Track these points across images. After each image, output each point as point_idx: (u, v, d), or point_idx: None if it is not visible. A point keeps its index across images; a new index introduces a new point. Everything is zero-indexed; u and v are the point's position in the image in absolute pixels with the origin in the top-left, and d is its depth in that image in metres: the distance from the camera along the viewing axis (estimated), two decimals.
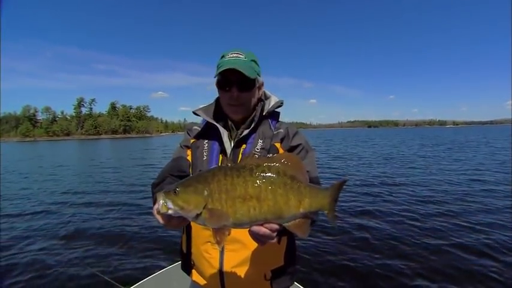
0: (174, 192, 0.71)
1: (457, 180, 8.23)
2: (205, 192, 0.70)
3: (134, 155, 21.52)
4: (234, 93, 1.05)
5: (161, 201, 0.71)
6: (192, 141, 1.18)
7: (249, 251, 1.04)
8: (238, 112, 1.10)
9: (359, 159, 14.51)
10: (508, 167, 10.14)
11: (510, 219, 4.74)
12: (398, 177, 8.89)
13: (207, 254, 1.07)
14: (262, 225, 0.71)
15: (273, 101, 1.18)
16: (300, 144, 1.10)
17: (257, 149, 1.06)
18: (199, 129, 1.19)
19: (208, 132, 1.14)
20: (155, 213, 0.76)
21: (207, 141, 1.13)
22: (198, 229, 1.09)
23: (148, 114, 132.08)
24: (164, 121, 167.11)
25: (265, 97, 1.20)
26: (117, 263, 3.68)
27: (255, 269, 1.05)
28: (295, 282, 1.93)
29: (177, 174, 1.09)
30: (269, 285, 1.07)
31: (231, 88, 1.05)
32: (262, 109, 1.14)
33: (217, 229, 0.71)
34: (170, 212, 0.71)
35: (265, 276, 1.06)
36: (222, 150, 1.09)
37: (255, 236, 0.73)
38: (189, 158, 1.15)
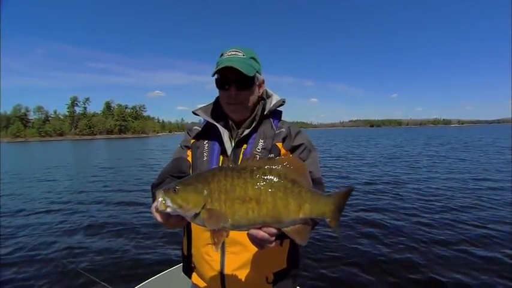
0: (174, 190, 0.71)
1: (463, 179, 8.24)
2: (205, 192, 0.71)
3: (131, 156, 21.49)
4: (232, 92, 1.05)
5: (160, 199, 0.71)
6: (192, 141, 1.18)
7: (250, 253, 1.04)
8: (237, 111, 1.10)
9: (362, 159, 14.51)
10: None
11: None
12: (403, 178, 8.90)
13: (208, 256, 1.07)
14: (260, 228, 0.71)
15: (275, 99, 1.18)
16: (302, 143, 1.10)
17: (258, 149, 1.06)
18: (200, 129, 1.19)
19: (209, 133, 1.15)
20: (153, 211, 0.76)
21: (207, 142, 1.13)
22: (198, 231, 1.09)
23: (145, 113, 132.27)
24: (161, 121, 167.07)
25: (266, 95, 1.20)
26: (114, 266, 3.68)
27: (257, 272, 1.05)
28: (298, 286, 1.93)
29: (177, 175, 1.09)
30: None
31: (229, 87, 1.05)
32: (263, 108, 1.14)
33: (216, 230, 0.72)
34: (169, 210, 0.71)
35: (267, 279, 1.07)
36: (223, 151, 1.09)
37: (253, 239, 0.73)
38: (189, 158, 1.16)
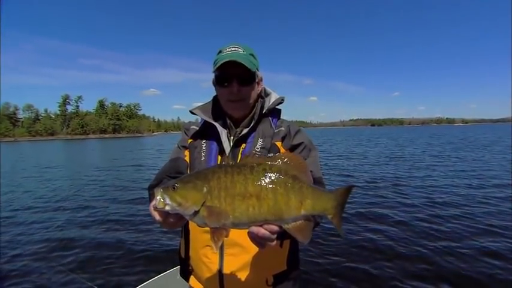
0: (173, 188, 0.71)
1: (466, 180, 8.29)
2: (205, 189, 0.71)
3: (126, 156, 21.41)
4: (235, 87, 1.05)
5: (158, 197, 0.71)
6: (190, 141, 1.19)
7: (249, 255, 1.04)
8: (239, 108, 1.10)
9: (363, 158, 14.55)
10: None
11: None
12: (405, 178, 8.93)
13: (206, 258, 1.08)
14: (261, 226, 0.71)
15: (273, 97, 1.18)
16: (302, 142, 1.11)
17: (257, 148, 1.07)
18: (197, 128, 1.20)
19: (206, 132, 1.15)
20: (151, 209, 0.76)
21: (205, 141, 1.14)
22: (196, 233, 1.10)
23: (140, 112, 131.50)
24: (156, 120, 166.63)
25: (265, 94, 1.21)
26: (108, 269, 3.67)
27: (256, 274, 1.06)
28: None
29: (174, 176, 1.09)
30: None
31: (231, 83, 1.06)
32: (262, 106, 1.15)
33: (215, 229, 0.72)
34: (167, 208, 0.71)
35: (266, 281, 1.07)
36: (221, 150, 1.10)
37: (254, 237, 0.73)
38: (187, 158, 1.16)
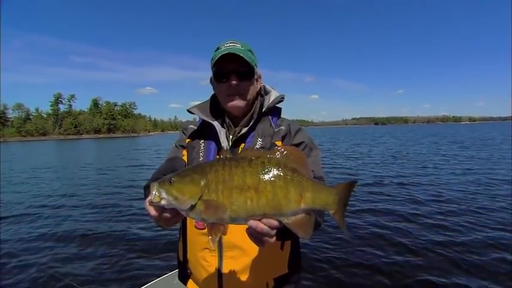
0: (169, 181, 0.72)
1: (471, 179, 8.31)
2: (202, 183, 0.71)
3: (121, 156, 21.36)
4: (233, 81, 1.06)
5: (154, 191, 0.72)
6: (188, 141, 1.20)
7: (249, 257, 1.05)
8: (238, 104, 1.10)
9: (367, 158, 14.56)
10: None
11: None
12: (411, 178, 8.94)
13: (205, 261, 1.09)
14: (260, 220, 0.71)
15: (273, 96, 1.19)
16: (302, 142, 1.12)
17: (256, 148, 1.08)
18: (195, 128, 1.21)
19: (205, 131, 1.16)
20: (147, 205, 0.76)
21: (203, 141, 1.15)
22: (195, 235, 1.11)
23: (135, 111, 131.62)
24: (153, 119, 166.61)
25: (265, 92, 1.22)
26: (104, 273, 3.68)
27: (256, 277, 1.06)
28: None
29: None
30: None
31: (229, 77, 1.07)
32: (261, 105, 1.16)
33: (212, 224, 0.72)
34: (163, 202, 0.71)
35: (267, 285, 1.08)
36: (220, 150, 1.10)
37: (252, 232, 0.72)
38: (185, 158, 1.17)
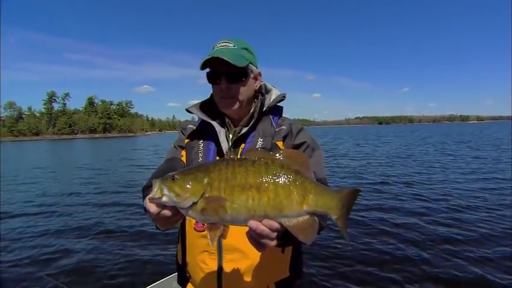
0: (172, 178, 0.74)
1: (479, 179, 8.34)
2: (205, 180, 0.73)
3: (122, 156, 21.42)
4: (223, 85, 1.07)
5: (156, 188, 0.73)
6: (187, 141, 1.20)
7: (249, 261, 1.05)
8: (231, 107, 1.11)
9: (371, 158, 14.61)
10: None
11: None
12: (415, 178, 8.99)
13: (204, 264, 1.09)
14: (261, 222, 0.71)
15: (274, 94, 1.19)
16: (304, 142, 1.12)
17: (257, 148, 1.08)
18: (194, 127, 1.21)
19: (204, 131, 1.17)
20: (147, 202, 0.77)
21: (202, 142, 1.15)
22: (194, 237, 1.11)
23: (132, 110, 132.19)
24: (150, 118, 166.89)
25: (265, 90, 1.22)
26: (101, 277, 3.70)
27: (257, 281, 1.07)
28: None
29: None
30: None
31: (220, 80, 1.07)
32: (262, 104, 1.16)
33: (212, 224, 0.74)
34: (165, 199, 0.72)
35: None
36: (219, 151, 1.11)
37: (252, 235, 0.73)
38: (184, 159, 1.18)
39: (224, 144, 1.11)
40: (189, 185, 0.73)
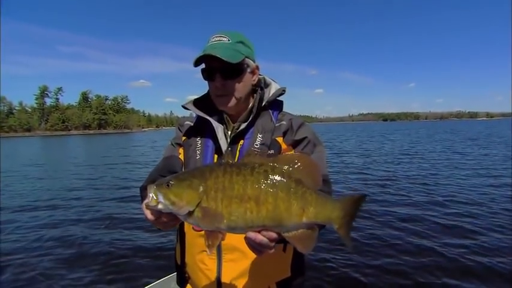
0: (167, 185, 0.73)
1: (489, 179, 8.33)
2: (201, 188, 0.72)
3: (115, 153, 21.36)
4: (218, 82, 1.07)
5: (151, 194, 0.73)
6: (184, 138, 1.21)
7: (250, 260, 1.06)
8: (227, 104, 1.11)
9: (377, 156, 14.59)
10: None
11: None
12: (421, 177, 8.96)
13: (203, 265, 1.10)
14: (259, 232, 0.73)
15: (274, 88, 1.19)
16: (305, 137, 1.12)
17: (256, 144, 1.08)
18: (192, 124, 1.22)
19: (202, 128, 1.17)
20: (144, 207, 0.79)
21: (199, 139, 1.16)
22: (193, 237, 1.12)
23: (128, 106, 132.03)
24: (147, 114, 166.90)
25: (264, 84, 1.22)
26: (98, 276, 3.72)
27: (258, 282, 1.08)
28: None
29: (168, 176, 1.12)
30: None
31: (214, 77, 1.07)
32: (261, 98, 1.16)
33: (210, 232, 0.74)
34: (160, 206, 0.73)
35: None
36: (217, 148, 1.12)
37: (251, 243, 0.75)
38: (182, 156, 1.19)
39: (222, 141, 1.11)
40: (184, 192, 0.72)
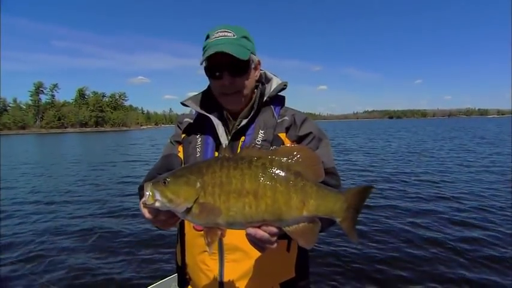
0: (164, 182, 0.74)
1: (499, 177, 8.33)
2: (198, 184, 0.73)
3: (114, 152, 21.43)
4: (226, 80, 1.06)
5: (148, 192, 0.74)
6: (184, 135, 1.21)
7: (252, 261, 1.06)
8: (234, 102, 1.11)
9: (383, 154, 14.57)
10: None
11: None
12: (428, 176, 8.98)
13: (205, 265, 1.10)
14: (259, 227, 0.73)
15: (275, 83, 1.19)
16: (310, 132, 1.12)
17: (258, 141, 1.08)
18: (191, 121, 1.22)
19: (202, 125, 1.17)
20: (141, 206, 0.79)
21: (199, 136, 1.16)
22: (193, 237, 1.12)
23: (126, 103, 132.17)
24: (145, 112, 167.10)
25: (266, 79, 1.22)
26: (97, 277, 3.75)
27: (261, 283, 1.08)
28: None
29: None
30: None
31: (221, 74, 1.06)
32: (262, 94, 1.16)
33: (209, 228, 0.75)
34: (157, 204, 0.73)
35: None
36: (218, 145, 1.12)
37: (252, 239, 0.75)
38: (181, 154, 1.19)
39: (223, 138, 1.11)
40: (181, 189, 0.73)
